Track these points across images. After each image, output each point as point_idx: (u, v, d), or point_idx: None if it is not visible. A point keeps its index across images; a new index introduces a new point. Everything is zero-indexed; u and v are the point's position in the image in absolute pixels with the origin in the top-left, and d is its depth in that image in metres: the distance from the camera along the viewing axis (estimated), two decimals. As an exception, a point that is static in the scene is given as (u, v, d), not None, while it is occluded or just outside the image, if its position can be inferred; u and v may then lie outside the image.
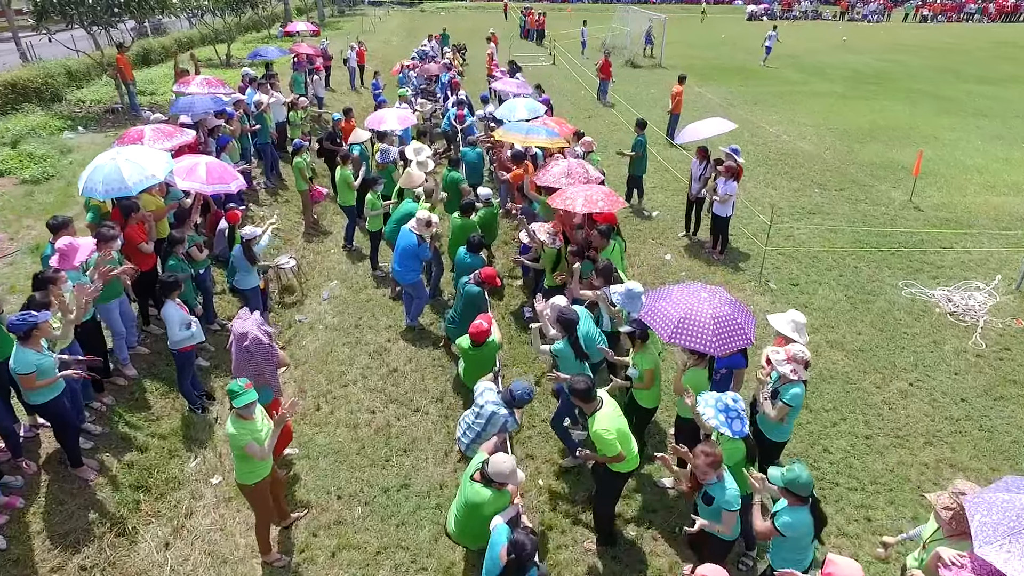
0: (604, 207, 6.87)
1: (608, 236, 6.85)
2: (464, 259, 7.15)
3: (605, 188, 7.30)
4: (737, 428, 4.32)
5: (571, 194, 7.04)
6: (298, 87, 16.13)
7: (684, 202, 12.11)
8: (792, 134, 17.11)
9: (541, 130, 9.34)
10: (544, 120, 9.65)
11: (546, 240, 7.16)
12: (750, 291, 9.16)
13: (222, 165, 7.63)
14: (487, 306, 6.49)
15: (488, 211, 8.32)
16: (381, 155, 10.20)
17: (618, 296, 5.84)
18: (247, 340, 5.40)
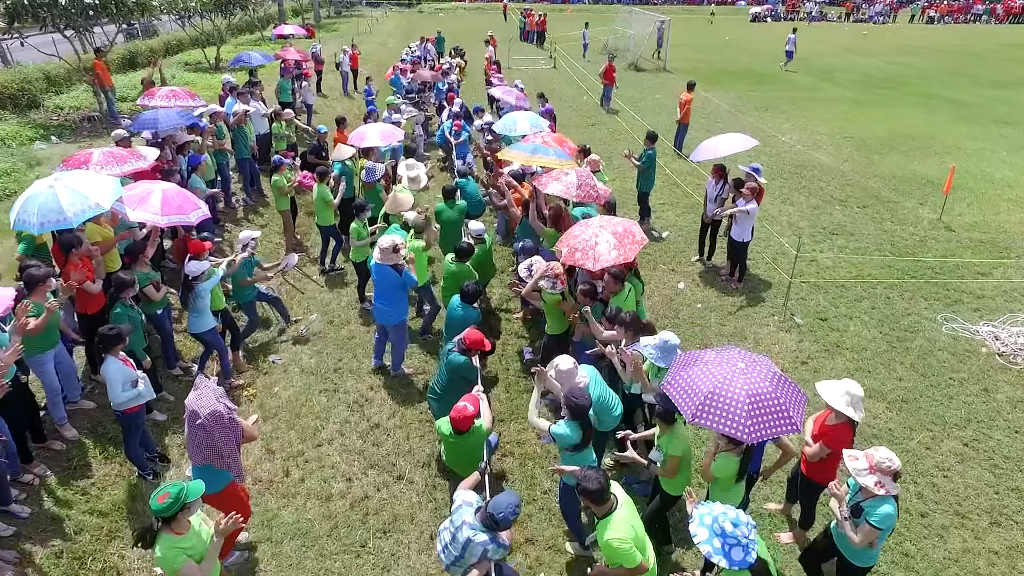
0: (620, 256, 5.90)
1: (622, 280, 5.94)
2: (456, 311, 6.18)
3: (618, 223, 6.33)
4: (737, 558, 3.32)
5: (581, 241, 6.06)
6: (284, 94, 15.23)
7: (696, 221, 11.24)
8: (806, 143, 16.22)
9: (549, 151, 8.36)
10: (545, 138, 8.73)
11: (545, 286, 6.22)
12: (774, 327, 8.26)
13: (181, 193, 6.72)
14: (477, 376, 5.54)
15: (481, 248, 7.40)
16: (366, 174, 9.30)
17: (651, 350, 4.95)
18: (201, 417, 4.50)
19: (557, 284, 6.14)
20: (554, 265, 6.11)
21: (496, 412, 6.68)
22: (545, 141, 8.78)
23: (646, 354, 4.96)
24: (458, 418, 4.68)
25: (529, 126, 10.56)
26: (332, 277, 9.58)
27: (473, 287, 6.12)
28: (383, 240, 6.45)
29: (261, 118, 12.12)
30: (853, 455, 3.99)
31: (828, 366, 7.49)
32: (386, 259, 6.41)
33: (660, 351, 4.90)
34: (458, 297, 6.14)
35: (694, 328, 8.24)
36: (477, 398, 4.98)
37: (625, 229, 6.16)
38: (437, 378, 5.82)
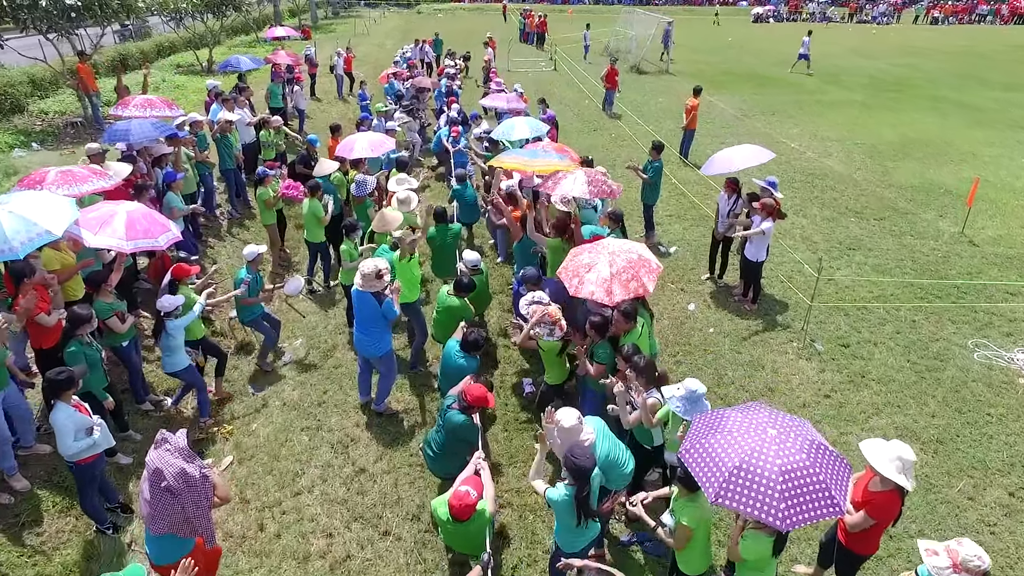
0: (637, 288, 5.29)
1: (633, 317, 5.34)
2: (455, 359, 5.50)
3: (631, 248, 5.71)
4: None
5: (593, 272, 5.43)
6: (275, 99, 14.65)
7: (705, 235, 10.68)
8: (816, 150, 15.64)
9: (550, 154, 7.78)
10: (545, 148, 8.16)
11: (541, 332, 5.54)
12: (793, 354, 7.68)
13: (148, 214, 6.13)
14: (479, 437, 4.93)
15: (478, 280, 6.80)
16: (356, 187, 8.72)
17: (677, 403, 4.34)
18: (167, 478, 3.93)
19: (555, 331, 5.42)
20: (552, 310, 5.41)
21: (494, 455, 6.10)
22: (545, 150, 8.21)
23: (672, 407, 4.36)
24: (458, 506, 4.03)
25: (528, 130, 10.01)
26: (320, 298, 8.99)
27: (475, 336, 5.42)
28: (366, 265, 5.84)
29: (247, 126, 11.52)
30: (931, 548, 3.40)
31: (853, 400, 6.91)
32: (367, 285, 5.81)
33: (687, 403, 4.31)
34: (457, 343, 5.50)
35: (707, 356, 7.66)
36: (480, 481, 4.35)
37: (640, 256, 5.55)
38: (434, 435, 5.18)
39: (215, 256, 9.85)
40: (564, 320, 5.39)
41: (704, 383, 4.76)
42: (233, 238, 10.57)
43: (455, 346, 5.44)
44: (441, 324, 6.43)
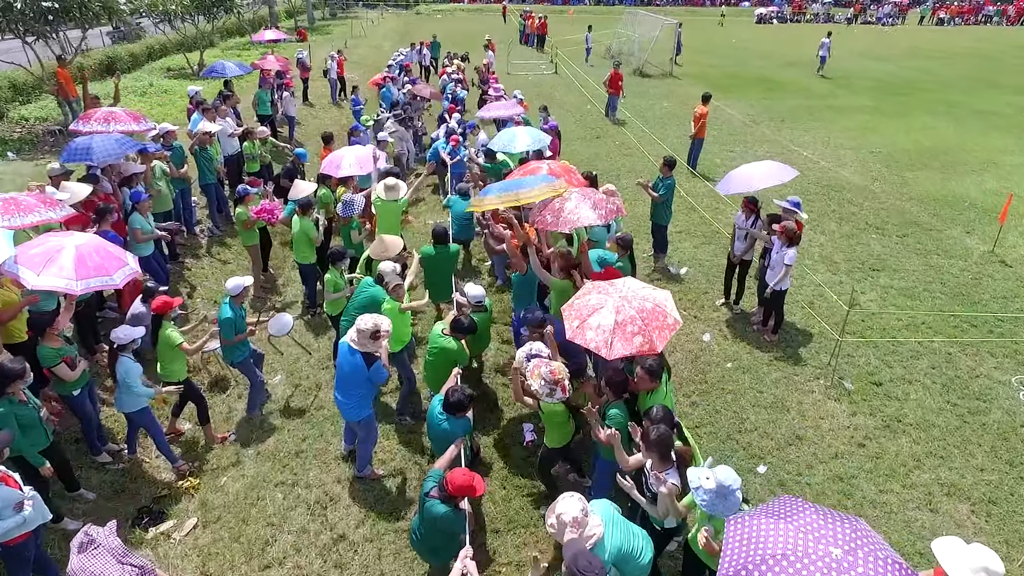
0: (644, 344, 4.55)
1: (659, 375, 4.63)
2: (438, 422, 4.74)
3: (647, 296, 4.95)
4: None
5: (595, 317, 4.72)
6: (263, 107, 13.96)
7: (718, 253, 10.00)
8: (830, 159, 14.94)
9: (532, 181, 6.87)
10: (551, 167, 7.46)
11: (539, 390, 4.61)
12: (820, 393, 6.98)
13: (100, 247, 5.42)
14: (465, 529, 4.22)
15: (481, 319, 6.10)
16: (343, 207, 8.02)
17: (703, 496, 3.62)
18: None
19: (556, 392, 4.59)
20: (555, 367, 4.65)
21: (489, 519, 5.41)
22: (550, 169, 7.50)
23: (696, 499, 3.65)
24: None
25: (529, 141, 9.33)
26: (299, 329, 8.29)
27: (458, 396, 4.62)
28: (363, 320, 5.08)
29: (230, 138, 10.83)
30: None
31: (891, 449, 6.22)
32: (362, 344, 5.08)
33: (715, 497, 3.60)
34: (440, 402, 4.75)
35: (725, 396, 6.96)
36: None
37: (655, 307, 4.82)
38: (416, 523, 4.47)
39: (192, 279, 9.16)
40: (569, 379, 4.66)
41: (723, 428, 4.12)
42: (213, 258, 9.88)
43: (438, 406, 4.69)
44: (433, 368, 5.72)
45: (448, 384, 5.05)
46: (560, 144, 11.78)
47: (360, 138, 11.03)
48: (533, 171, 7.44)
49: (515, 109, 11.79)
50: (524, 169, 7.67)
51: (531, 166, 7.72)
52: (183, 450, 6.30)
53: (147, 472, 6.02)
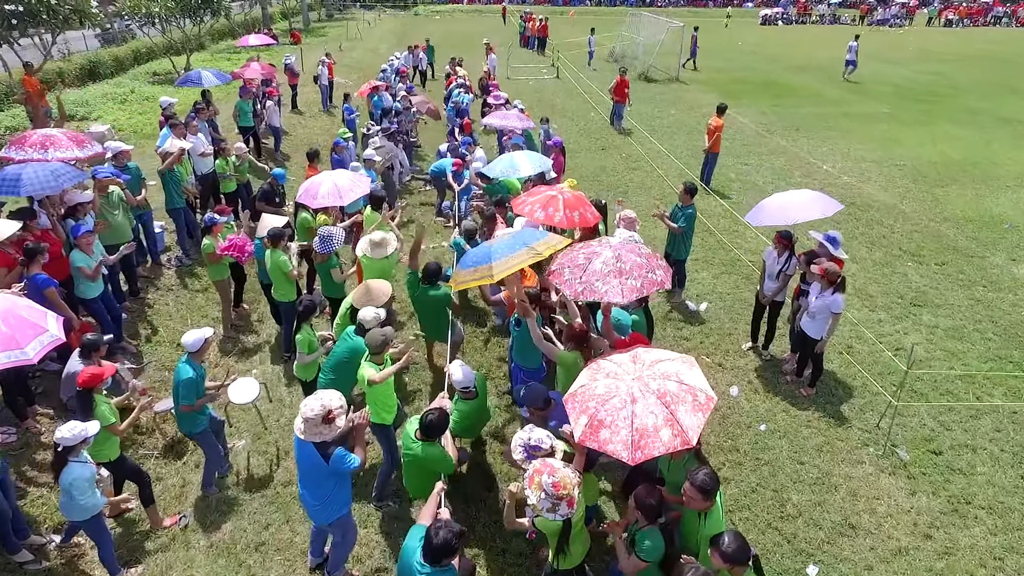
0: (674, 440, 3.56)
1: (713, 494, 3.64)
2: (413, 567, 3.52)
3: (666, 373, 3.96)
4: None
5: (607, 409, 3.72)
6: (244, 118, 12.96)
7: (740, 285, 9.03)
8: (853, 174, 13.96)
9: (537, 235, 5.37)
10: (564, 194, 6.46)
11: (538, 504, 3.61)
12: (870, 465, 6.00)
13: (10, 311, 4.44)
14: None
15: (471, 407, 5.09)
16: (320, 242, 7.03)
17: None
18: None
19: (561, 507, 3.57)
20: (561, 478, 3.57)
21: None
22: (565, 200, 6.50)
23: None
24: None
25: (530, 166, 8.39)
26: (272, 379, 7.31)
27: (444, 538, 3.40)
28: (308, 406, 4.04)
29: (202, 156, 9.84)
30: None
31: (962, 541, 5.24)
32: (310, 433, 4.08)
33: None
34: (418, 546, 3.53)
35: (760, 467, 5.98)
36: None
37: (681, 385, 3.77)
38: None
39: (155, 318, 8.18)
40: (579, 487, 3.67)
41: (762, 513, 3.21)
42: (184, 290, 8.89)
43: (415, 552, 3.57)
44: (411, 480, 4.71)
45: (428, 512, 3.99)
46: (565, 160, 10.79)
47: (343, 155, 10.04)
48: (550, 201, 6.47)
49: (524, 122, 10.82)
50: (537, 196, 6.67)
51: (544, 193, 6.72)
52: (121, 531, 5.33)
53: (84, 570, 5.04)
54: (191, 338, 5.42)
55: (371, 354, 5.10)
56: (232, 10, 31.61)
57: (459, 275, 5.03)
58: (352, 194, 7.33)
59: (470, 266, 4.96)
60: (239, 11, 35.47)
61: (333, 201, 7.26)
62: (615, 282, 4.53)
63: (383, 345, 4.99)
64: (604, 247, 4.89)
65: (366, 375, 4.98)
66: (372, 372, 4.97)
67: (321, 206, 7.36)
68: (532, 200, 6.59)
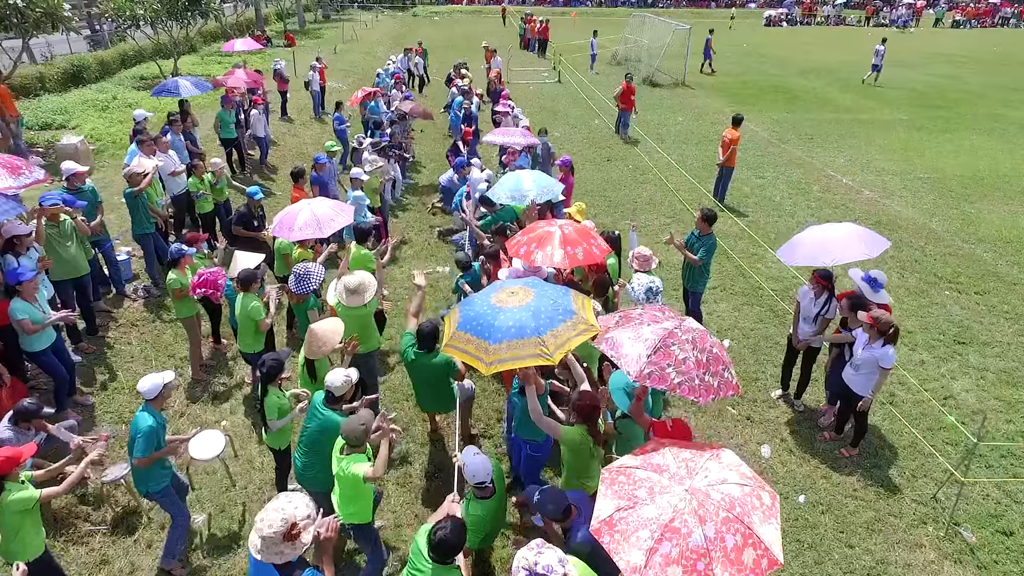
0: (775, 550, 2.77)
1: None
2: None
3: (715, 482, 3.17)
4: None
5: (634, 523, 2.94)
6: (226, 129, 12.12)
7: (764, 319, 8.21)
8: (875, 188, 13.12)
9: (550, 309, 4.19)
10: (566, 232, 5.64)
11: None
12: (931, 548, 5.17)
13: None
14: None
15: (488, 508, 4.21)
16: (296, 281, 6.20)
17: None
18: None
19: None
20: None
21: None
22: (564, 237, 5.69)
23: None
24: None
25: (534, 189, 7.56)
26: (241, 434, 6.46)
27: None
28: (265, 520, 3.18)
29: (171, 177, 9.01)
30: None
31: (1050, 654, 4.41)
32: (270, 554, 3.23)
33: None
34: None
35: (803, 552, 5.14)
36: None
37: (742, 506, 3.02)
38: None
39: (114, 360, 7.33)
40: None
41: None
42: (151, 324, 8.05)
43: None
44: None
45: None
46: (573, 180, 9.94)
47: (324, 174, 9.20)
48: (546, 238, 5.66)
49: (528, 139, 10.01)
50: (533, 233, 5.85)
51: (540, 229, 5.91)
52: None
53: None
54: (148, 384, 4.69)
55: (343, 433, 4.25)
56: (224, 12, 30.76)
57: (455, 339, 4.15)
58: (334, 224, 6.48)
59: (468, 328, 4.11)
60: (232, 13, 34.62)
61: (312, 233, 6.41)
62: (695, 374, 3.70)
63: (364, 435, 4.13)
64: (665, 319, 4.03)
65: (359, 473, 4.08)
66: (366, 468, 4.08)
67: (299, 239, 6.52)
68: (527, 239, 5.77)
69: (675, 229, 7.61)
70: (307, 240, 6.80)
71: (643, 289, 5.84)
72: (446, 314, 5.12)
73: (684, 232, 10.05)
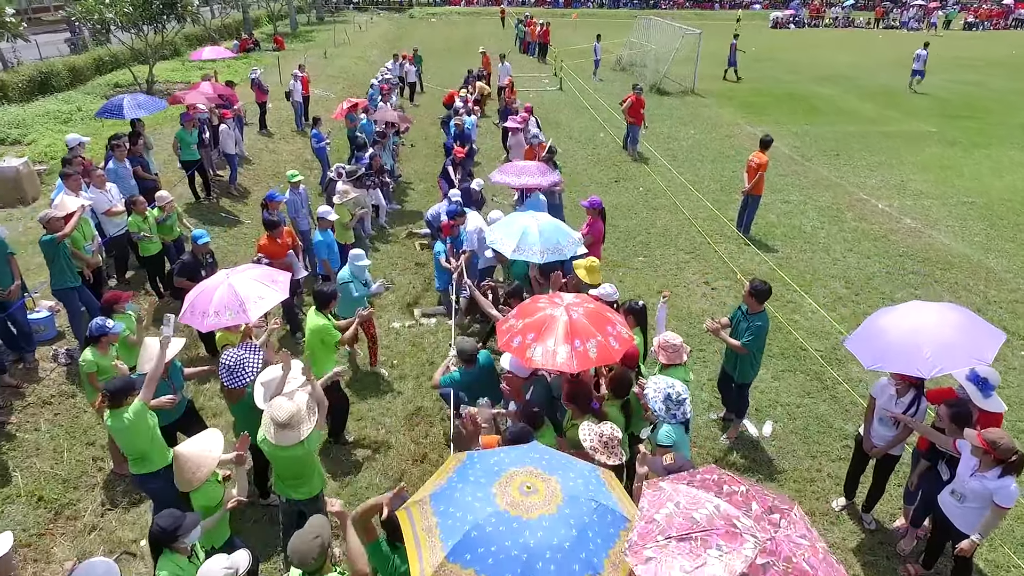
0: None
1: None
2: None
3: None
4: None
5: None
6: (187, 151, 10.71)
7: (813, 391, 6.83)
8: (915, 215, 11.71)
9: None
10: (558, 318, 4.24)
11: None
12: None
13: None
14: None
15: None
16: (228, 374, 4.77)
17: None
18: None
19: None
20: None
21: None
22: (571, 324, 4.28)
23: None
24: None
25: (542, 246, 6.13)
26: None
27: None
28: None
29: (108, 216, 7.62)
30: None
31: None
32: None
33: None
34: None
35: None
36: None
37: None
38: None
39: (14, 457, 5.91)
40: None
41: None
42: (70, 400, 6.63)
43: None
44: None
45: None
46: (604, 228, 8.00)
47: (276, 214, 7.75)
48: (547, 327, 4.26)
49: (547, 177, 8.27)
50: (530, 317, 4.44)
51: (540, 312, 4.48)
52: None
53: None
54: None
55: None
56: (203, 15, 29.31)
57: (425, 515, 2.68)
58: (262, 304, 4.96)
59: (471, 561, 2.48)
60: (216, 15, 33.19)
61: (231, 319, 4.88)
62: None
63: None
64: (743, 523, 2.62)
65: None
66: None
67: (214, 329, 5.06)
68: (522, 324, 4.36)
69: (719, 320, 5.80)
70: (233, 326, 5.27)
71: (660, 397, 4.28)
72: None
73: (721, 307, 8.67)
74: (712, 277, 9.38)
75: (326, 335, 5.59)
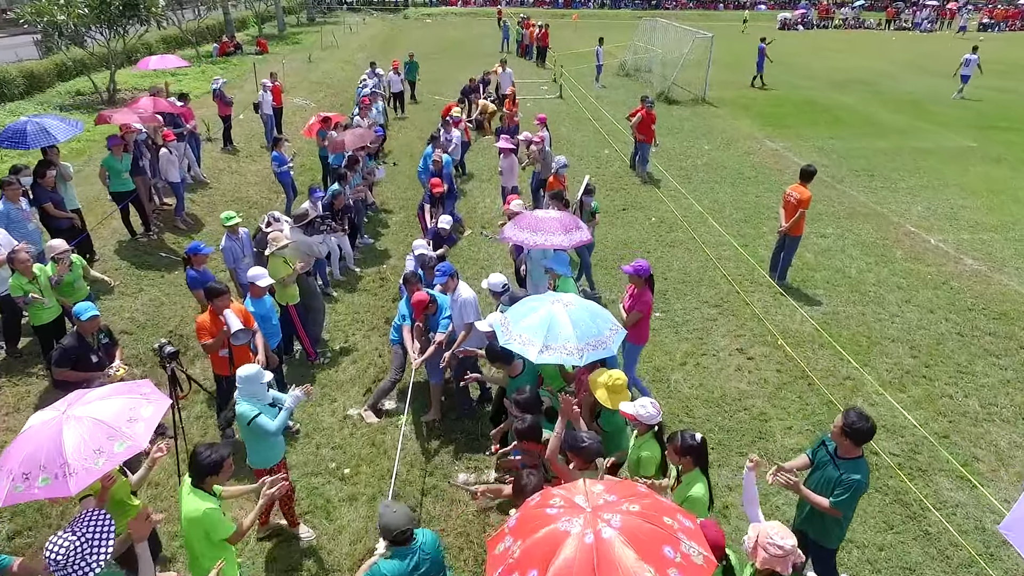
0: None
1: None
2: None
3: None
4: None
5: None
6: (117, 181, 9.01)
7: (893, 529, 5.09)
8: (975, 252, 9.99)
9: None
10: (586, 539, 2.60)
11: None
12: None
13: None
14: None
15: None
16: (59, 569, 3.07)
17: None
18: None
19: None
20: None
21: None
22: (601, 553, 2.56)
23: None
24: None
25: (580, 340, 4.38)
26: None
27: None
28: None
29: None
30: None
31: None
32: None
33: None
34: None
35: None
36: None
37: None
38: None
39: None
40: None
41: None
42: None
43: None
44: None
45: None
46: (651, 297, 6.13)
47: (202, 272, 6.04)
48: (542, 562, 2.54)
49: (573, 235, 6.18)
50: (519, 555, 2.74)
51: (543, 530, 2.75)
52: None
53: None
54: None
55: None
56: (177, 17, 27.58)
57: None
58: (86, 474, 3.11)
59: None
60: (194, 17, 31.42)
61: (46, 491, 3.13)
62: None
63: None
64: None
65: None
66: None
67: (14, 502, 3.32)
68: (520, 555, 2.62)
69: (785, 467, 3.99)
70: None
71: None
72: None
73: (762, 385, 6.95)
74: (746, 341, 7.66)
75: (212, 527, 3.70)
